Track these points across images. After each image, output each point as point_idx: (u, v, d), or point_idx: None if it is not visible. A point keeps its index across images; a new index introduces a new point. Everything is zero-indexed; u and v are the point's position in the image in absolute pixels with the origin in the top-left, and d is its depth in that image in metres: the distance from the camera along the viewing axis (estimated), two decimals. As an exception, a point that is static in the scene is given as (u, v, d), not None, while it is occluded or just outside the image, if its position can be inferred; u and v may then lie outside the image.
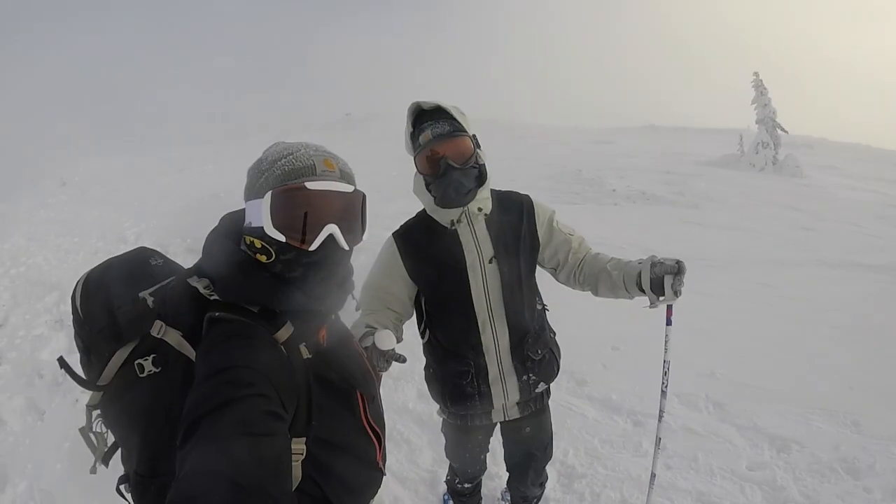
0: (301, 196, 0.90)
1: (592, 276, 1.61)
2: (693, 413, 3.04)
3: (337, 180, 0.94)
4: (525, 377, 1.60)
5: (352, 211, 0.96)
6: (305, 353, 0.95)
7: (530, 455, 1.81)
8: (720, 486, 2.47)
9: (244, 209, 0.98)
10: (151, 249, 1.19)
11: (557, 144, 17.31)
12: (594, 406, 3.12)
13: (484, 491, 2.31)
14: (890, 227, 7.68)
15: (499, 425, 1.78)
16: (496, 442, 1.94)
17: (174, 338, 0.92)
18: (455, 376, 1.59)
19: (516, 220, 1.57)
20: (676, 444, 2.76)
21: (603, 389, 3.23)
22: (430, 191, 1.49)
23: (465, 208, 1.47)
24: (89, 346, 1.03)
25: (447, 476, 2.14)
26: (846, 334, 4.08)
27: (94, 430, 1.03)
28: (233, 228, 0.99)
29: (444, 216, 1.50)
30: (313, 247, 0.91)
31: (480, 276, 1.51)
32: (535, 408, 1.71)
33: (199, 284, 0.93)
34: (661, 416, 1.74)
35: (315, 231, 0.91)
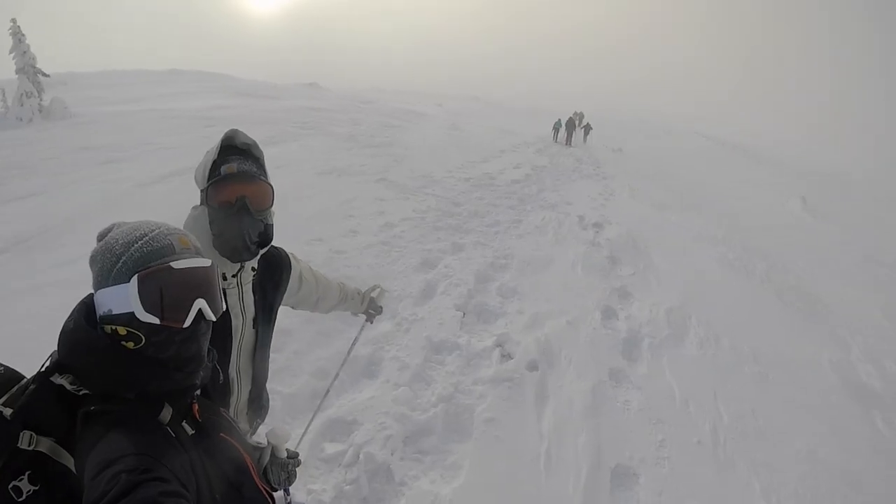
0: (169, 276, 0.88)
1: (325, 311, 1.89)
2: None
3: (195, 256, 0.94)
4: (256, 422, 1.61)
5: (212, 283, 0.96)
6: (189, 430, 0.93)
7: None
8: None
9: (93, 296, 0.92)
10: None
11: None
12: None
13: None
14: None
15: None
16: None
17: (48, 446, 0.84)
18: None
19: (276, 280, 1.49)
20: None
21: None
22: (212, 230, 1.28)
23: (242, 266, 1.34)
24: None
25: None
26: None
27: None
28: (89, 316, 0.91)
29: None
30: (186, 323, 0.89)
31: (239, 339, 1.40)
32: None
33: (65, 381, 0.87)
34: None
35: (186, 308, 0.89)
